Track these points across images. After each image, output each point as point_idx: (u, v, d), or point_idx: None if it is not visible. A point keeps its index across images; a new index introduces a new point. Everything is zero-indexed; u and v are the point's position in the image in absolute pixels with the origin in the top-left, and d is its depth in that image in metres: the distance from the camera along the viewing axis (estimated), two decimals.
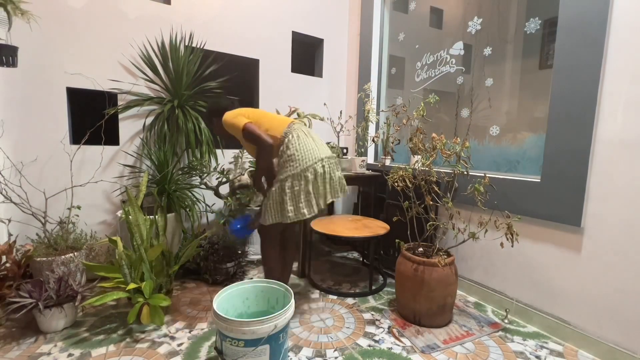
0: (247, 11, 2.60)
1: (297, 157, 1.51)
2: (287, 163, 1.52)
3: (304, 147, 1.53)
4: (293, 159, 1.51)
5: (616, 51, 1.37)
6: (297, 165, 1.50)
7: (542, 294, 1.67)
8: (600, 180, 1.44)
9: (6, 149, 1.85)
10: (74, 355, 1.39)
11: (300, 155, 1.52)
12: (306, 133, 1.61)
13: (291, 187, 1.51)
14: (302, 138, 1.57)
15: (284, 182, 1.52)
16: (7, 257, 1.65)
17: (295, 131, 1.58)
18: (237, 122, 1.58)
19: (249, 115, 1.63)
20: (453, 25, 2.26)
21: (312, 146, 1.56)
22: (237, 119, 1.59)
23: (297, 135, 1.56)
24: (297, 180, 1.51)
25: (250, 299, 1.46)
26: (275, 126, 1.60)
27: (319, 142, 1.63)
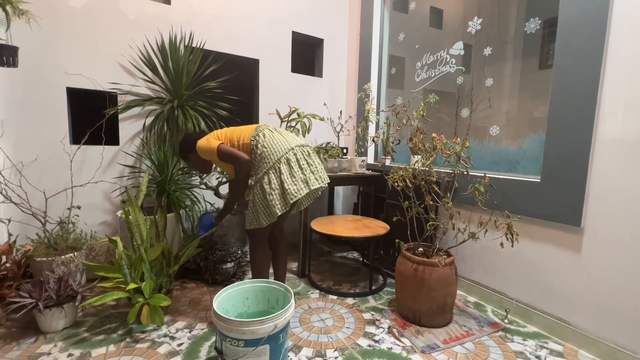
0: (247, 11, 2.60)
1: (267, 152, 1.53)
2: (260, 162, 1.55)
3: (271, 142, 1.56)
4: (264, 155, 1.54)
5: (616, 51, 1.37)
6: (268, 160, 1.52)
7: (542, 294, 1.67)
8: (600, 180, 1.44)
9: (6, 149, 1.85)
10: (74, 355, 1.39)
11: (269, 150, 1.54)
12: (272, 129, 1.63)
13: (269, 182, 1.52)
14: (268, 134, 1.59)
15: (262, 180, 1.53)
16: (7, 257, 1.65)
17: (261, 131, 1.60)
18: (210, 145, 1.59)
19: (219, 137, 1.65)
20: (453, 25, 2.26)
21: (280, 139, 1.58)
22: (210, 142, 1.60)
23: (262, 133, 1.59)
24: (273, 174, 1.52)
25: (250, 299, 1.46)
26: (244, 134, 1.62)
27: (287, 135, 1.64)
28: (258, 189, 1.55)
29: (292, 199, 1.50)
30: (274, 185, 1.51)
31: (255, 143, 1.58)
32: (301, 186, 1.54)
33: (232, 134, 1.65)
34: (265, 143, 1.56)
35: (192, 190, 2.32)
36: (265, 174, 1.52)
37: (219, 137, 1.65)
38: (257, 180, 1.55)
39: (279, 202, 1.52)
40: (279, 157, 1.52)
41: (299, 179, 1.54)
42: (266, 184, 1.52)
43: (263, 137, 1.58)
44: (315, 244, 3.02)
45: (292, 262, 2.53)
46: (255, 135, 1.59)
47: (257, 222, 1.56)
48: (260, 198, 1.55)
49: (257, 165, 1.57)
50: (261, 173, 1.53)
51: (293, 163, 1.55)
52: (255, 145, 1.57)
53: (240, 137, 1.62)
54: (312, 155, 1.65)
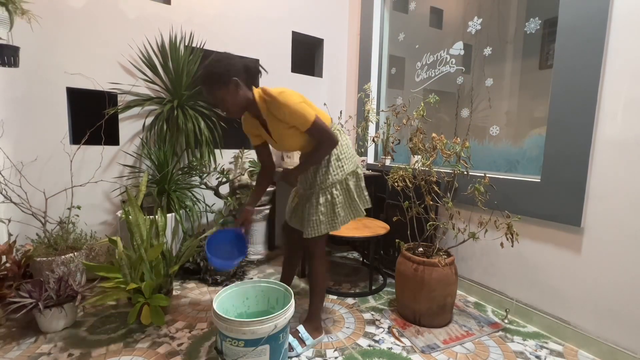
0: (247, 11, 2.60)
1: (348, 154, 1.43)
2: (340, 161, 1.41)
3: (347, 146, 1.45)
4: (346, 157, 1.43)
5: (616, 51, 1.37)
6: (349, 164, 1.43)
7: (542, 294, 1.67)
8: (600, 180, 1.44)
9: (6, 149, 1.85)
10: (74, 355, 1.39)
11: (349, 152, 1.44)
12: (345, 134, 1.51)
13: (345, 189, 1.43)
14: (345, 136, 1.47)
15: (345, 181, 1.42)
16: (7, 257, 1.65)
17: (337, 130, 1.46)
18: (306, 111, 1.28)
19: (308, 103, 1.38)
20: (453, 25, 2.26)
21: (352, 149, 1.50)
22: (305, 108, 1.29)
23: (340, 133, 1.45)
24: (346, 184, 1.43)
25: (250, 299, 1.46)
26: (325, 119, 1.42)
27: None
28: (339, 190, 1.41)
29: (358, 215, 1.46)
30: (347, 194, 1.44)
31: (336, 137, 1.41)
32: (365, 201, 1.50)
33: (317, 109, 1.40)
34: (346, 147, 1.44)
35: (192, 190, 2.32)
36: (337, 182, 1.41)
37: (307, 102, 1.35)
38: (330, 184, 1.39)
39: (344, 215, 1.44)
40: (357, 164, 1.45)
41: (363, 195, 1.50)
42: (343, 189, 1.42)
43: (342, 136, 1.45)
44: None
45: None
46: (334, 129, 1.44)
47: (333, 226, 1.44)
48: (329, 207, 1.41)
49: (335, 163, 1.41)
50: (342, 173, 1.41)
51: (360, 179, 1.48)
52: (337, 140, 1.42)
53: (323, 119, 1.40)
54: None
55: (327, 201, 1.41)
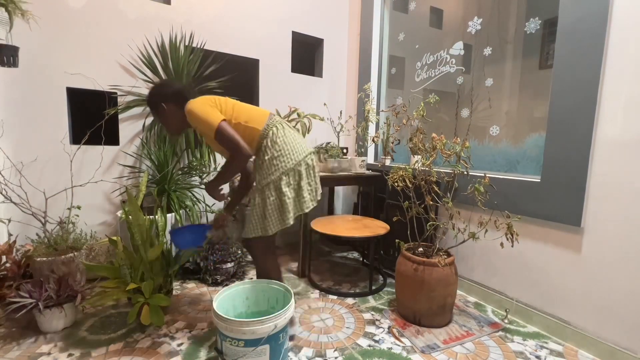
0: (247, 11, 2.60)
1: (287, 150, 1.36)
2: (275, 160, 1.35)
3: (292, 140, 1.39)
4: (283, 154, 1.36)
5: (616, 51, 1.37)
6: (288, 160, 1.36)
7: (542, 294, 1.67)
8: (600, 180, 1.44)
9: (6, 149, 1.85)
10: (74, 355, 1.39)
11: (290, 148, 1.37)
12: (290, 126, 1.47)
13: (288, 184, 1.37)
14: (288, 130, 1.42)
15: (278, 181, 1.35)
16: (7, 257, 1.65)
17: (279, 123, 1.42)
18: (210, 117, 1.29)
19: (222, 108, 1.37)
20: (453, 25, 2.26)
21: (300, 139, 1.45)
22: (208, 113, 1.29)
23: (282, 127, 1.41)
24: (292, 176, 1.37)
25: (250, 299, 1.46)
26: (255, 117, 1.40)
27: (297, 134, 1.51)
28: (273, 192, 1.36)
29: (307, 209, 1.40)
30: (292, 189, 1.38)
31: (270, 134, 1.37)
32: (314, 195, 1.45)
33: (240, 111, 1.39)
34: (285, 139, 1.37)
35: (192, 190, 2.32)
36: (283, 175, 1.35)
37: (221, 107, 1.37)
38: (270, 182, 1.36)
39: (293, 208, 1.39)
40: (301, 159, 1.38)
41: (313, 188, 1.45)
42: (285, 185, 1.35)
43: (284, 132, 1.39)
44: (315, 244, 3.02)
45: (292, 262, 2.53)
46: (272, 125, 1.39)
47: (264, 229, 1.39)
48: (275, 202, 1.37)
49: (270, 162, 1.36)
50: (277, 173, 1.35)
51: (311, 169, 1.43)
52: (273, 140, 1.37)
53: (250, 119, 1.38)
54: (317, 162, 1.54)
55: (261, 202, 1.38)
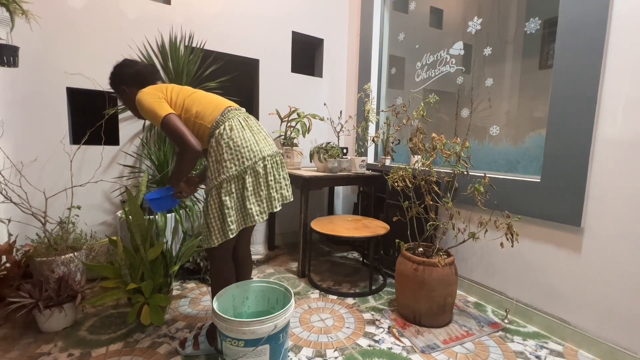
0: (247, 11, 2.60)
1: (232, 154, 1.21)
2: (218, 163, 1.22)
3: (241, 142, 1.22)
4: (226, 158, 1.21)
5: (616, 51, 1.37)
6: (231, 165, 1.21)
7: (542, 294, 1.67)
8: (600, 180, 1.44)
9: (6, 149, 1.85)
10: (74, 355, 1.38)
11: (236, 152, 1.21)
12: (243, 124, 1.28)
13: (229, 192, 1.22)
14: (237, 130, 1.24)
15: (219, 188, 1.22)
16: (7, 257, 1.65)
17: (230, 120, 1.25)
18: (154, 108, 1.20)
19: (172, 100, 1.27)
20: (453, 25, 2.26)
21: (250, 141, 1.25)
22: (154, 105, 1.21)
23: (230, 126, 1.24)
24: (235, 185, 1.23)
25: (250, 299, 1.46)
26: (207, 111, 1.27)
27: (259, 134, 1.31)
28: (214, 198, 1.23)
29: (251, 222, 1.24)
30: (234, 198, 1.23)
31: (218, 133, 1.23)
32: (264, 208, 1.27)
33: (192, 104, 1.27)
34: (232, 141, 1.22)
35: None
36: (224, 182, 1.21)
37: (171, 99, 1.27)
38: (212, 187, 1.23)
39: (236, 220, 1.24)
40: (247, 165, 1.22)
41: (264, 198, 1.27)
42: (225, 194, 1.21)
43: (230, 132, 1.23)
44: (315, 244, 3.02)
45: (292, 262, 2.53)
46: (222, 123, 1.24)
47: (208, 241, 1.25)
48: (216, 211, 1.23)
49: (215, 165, 1.23)
50: (219, 179, 1.21)
51: (261, 177, 1.25)
52: (217, 140, 1.23)
53: (201, 114, 1.26)
54: (281, 167, 1.36)
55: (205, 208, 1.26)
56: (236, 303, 1.42)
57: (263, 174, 1.26)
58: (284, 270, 2.37)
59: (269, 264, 2.48)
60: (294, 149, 2.65)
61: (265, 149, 1.28)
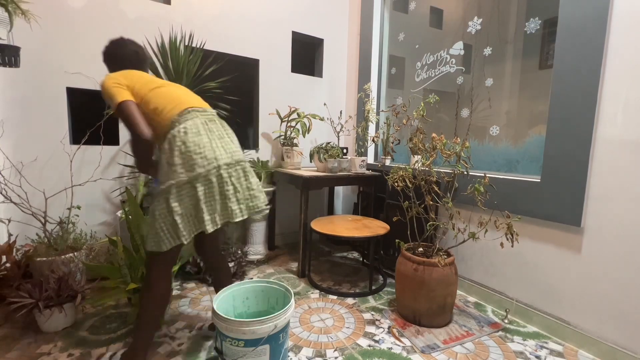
0: (247, 11, 2.60)
1: (184, 160, 1.12)
2: (169, 167, 1.13)
3: (192, 148, 1.13)
4: (177, 163, 1.12)
5: (616, 51, 1.37)
6: (182, 171, 1.12)
7: (542, 294, 1.67)
8: (600, 180, 1.44)
9: (6, 149, 1.85)
10: (74, 355, 1.38)
11: (186, 159, 1.12)
12: (201, 127, 1.18)
13: (179, 198, 1.13)
14: (192, 134, 1.14)
15: (168, 193, 1.13)
16: (7, 257, 1.65)
17: (187, 122, 1.16)
18: (114, 94, 1.15)
19: (137, 88, 1.21)
20: (453, 25, 2.26)
21: (206, 147, 1.15)
22: (116, 90, 1.16)
23: (185, 129, 1.14)
24: (186, 190, 1.14)
25: (250, 299, 1.46)
26: (165, 108, 1.18)
27: (221, 140, 1.22)
28: (163, 202, 1.13)
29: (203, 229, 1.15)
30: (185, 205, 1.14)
31: (171, 134, 1.15)
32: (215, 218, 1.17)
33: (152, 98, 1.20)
34: (185, 147, 1.12)
35: None
36: (175, 188, 1.12)
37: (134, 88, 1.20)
38: (163, 190, 1.13)
39: (188, 227, 1.15)
40: (198, 173, 1.12)
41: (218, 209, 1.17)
42: (175, 200, 1.12)
43: (184, 134, 1.13)
44: (315, 244, 3.02)
45: (292, 262, 2.53)
46: (178, 123, 1.16)
47: (156, 244, 1.14)
48: (165, 214, 1.13)
49: (166, 167, 1.14)
50: (167, 184, 1.12)
51: (215, 187, 1.16)
52: (172, 138, 1.14)
53: (158, 111, 1.18)
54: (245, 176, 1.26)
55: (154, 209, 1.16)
56: (236, 303, 1.42)
57: (217, 184, 1.16)
58: (284, 270, 2.37)
59: (269, 264, 2.48)
60: (294, 149, 2.65)
61: (223, 157, 1.18)
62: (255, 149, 2.77)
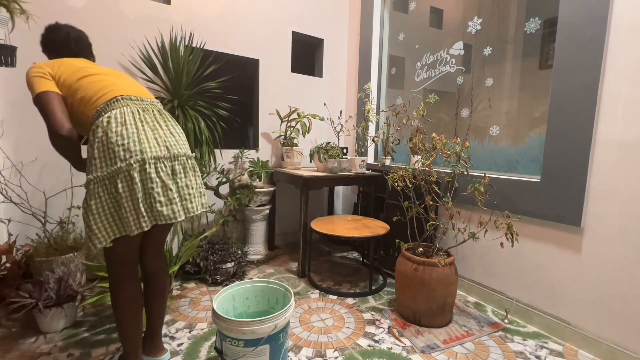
0: (247, 11, 2.60)
1: (101, 153, 1.03)
2: (89, 161, 1.05)
3: (114, 139, 1.02)
4: (96, 156, 1.03)
5: (616, 51, 1.37)
6: (102, 165, 1.03)
7: (542, 294, 1.67)
8: (600, 180, 1.44)
9: (6, 149, 1.85)
10: (74, 355, 1.39)
11: (106, 151, 1.02)
12: (128, 117, 1.07)
13: (96, 196, 1.02)
14: (116, 124, 1.04)
15: (87, 188, 1.05)
16: (7, 257, 1.65)
17: (113, 112, 1.06)
18: (34, 83, 1.07)
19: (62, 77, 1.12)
20: (453, 25, 2.26)
21: (131, 138, 1.04)
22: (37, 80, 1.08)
23: (108, 118, 1.05)
24: (104, 188, 1.03)
25: (250, 299, 1.46)
26: (93, 97, 1.09)
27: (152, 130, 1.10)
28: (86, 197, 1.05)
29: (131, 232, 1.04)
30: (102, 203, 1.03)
31: (95, 125, 1.06)
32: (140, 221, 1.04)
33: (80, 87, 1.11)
34: (107, 138, 1.02)
35: None
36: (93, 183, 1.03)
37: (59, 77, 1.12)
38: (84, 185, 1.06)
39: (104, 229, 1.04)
40: (118, 167, 1.02)
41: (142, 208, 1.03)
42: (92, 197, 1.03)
43: (106, 124, 1.04)
44: (315, 244, 3.02)
45: (292, 262, 2.53)
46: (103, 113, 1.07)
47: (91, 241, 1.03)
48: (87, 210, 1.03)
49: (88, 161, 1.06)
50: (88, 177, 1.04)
51: (137, 184, 1.03)
52: (95, 128, 1.05)
53: (84, 101, 1.10)
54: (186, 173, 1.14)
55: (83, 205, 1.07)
56: (236, 303, 1.43)
57: (139, 180, 1.03)
58: (284, 270, 2.37)
59: (269, 264, 2.48)
60: (294, 149, 2.65)
61: (154, 149, 1.06)
62: (256, 149, 2.77)
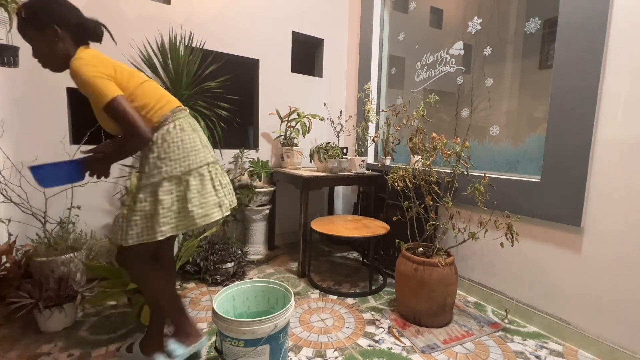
0: (247, 11, 2.60)
1: (178, 154, 1.14)
2: (161, 161, 1.13)
3: (189, 144, 1.17)
4: (172, 157, 1.14)
5: (616, 51, 1.37)
6: (176, 165, 1.14)
7: (542, 294, 1.67)
8: (600, 180, 1.44)
9: (6, 149, 1.85)
10: (74, 355, 1.38)
11: (182, 153, 1.15)
12: (193, 127, 1.24)
13: (169, 192, 1.13)
14: (188, 132, 1.19)
15: (157, 186, 1.12)
16: (7, 257, 1.65)
17: (179, 120, 1.19)
18: (103, 87, 1.06)
19: (124, 82, 1.13)
20: (453, 25, 2.26)
21: (198, 145, 1.21)
22: (104, 83, 1.07)
23: (180, 126, 1.18)
24: (176, 186, 1.15)
25: (250, 299, 1.46)
26: (157, 105, 1.17)
27: (205, 140, 1.28)
28: (149, 196, 1.13)
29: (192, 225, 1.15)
30: (173, 199, 1.14)
31: (164, 133, 1.15)
32: (213, 210, 1.19)
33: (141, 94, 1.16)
34: (180, 141, 1.16)
35: None
36: (165, 182, 1.13)
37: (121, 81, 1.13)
38: (148, 184, 1.13)
39: (172, 222, 1.14)
40: (193, 168, 1.16)
41: (212, 202, 1.20)
42: (166, 193, 1.12)
43: (180, 132, 1.17)
44: (315, 244, 3.02)
45: (292, 262, 2.53)
46: (170, 120, 1.17)
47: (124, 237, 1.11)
48: (148, 208, 1.12)
49: (155, 162, 1.13)
50: (158, 177, 1.12)
51: (207, 180, 1.20)
52: (163, 138, 1.14)
53: (148, 107, 1.16)
54: (223, 174, 1.33)
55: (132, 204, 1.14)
56: (236, 303, 1.43)
57: (209, 178, 1.21)
58: (284, 270, 2.37)
59: (269, 264, 2.48)
60: (294, 149, 2.65)
61: (209, 156, 1.25)
62: (256, 149, 2.77)
